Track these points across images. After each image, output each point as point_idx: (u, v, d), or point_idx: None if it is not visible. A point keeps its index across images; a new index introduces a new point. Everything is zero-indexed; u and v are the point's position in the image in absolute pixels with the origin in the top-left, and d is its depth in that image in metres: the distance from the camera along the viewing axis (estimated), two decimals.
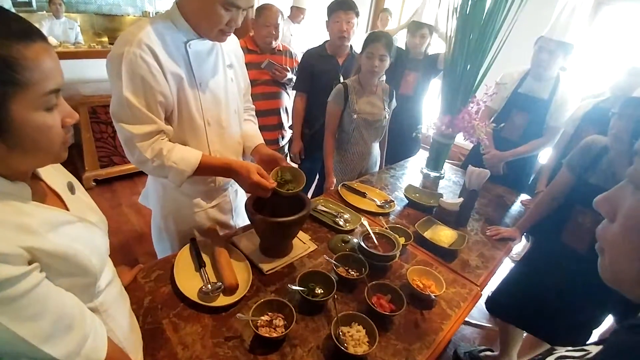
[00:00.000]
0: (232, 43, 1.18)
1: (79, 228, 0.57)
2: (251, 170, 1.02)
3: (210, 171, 1.09)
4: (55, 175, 0.62)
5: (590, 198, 0.42)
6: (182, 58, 1.00)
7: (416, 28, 2.28)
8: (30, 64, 0.45)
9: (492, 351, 1.82)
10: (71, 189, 0.63)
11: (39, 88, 0.47)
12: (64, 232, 0.53)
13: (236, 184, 1.38)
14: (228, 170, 1.06)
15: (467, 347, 1.84)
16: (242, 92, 1.25)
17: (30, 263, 0.46)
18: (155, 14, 5.00)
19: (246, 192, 1.10)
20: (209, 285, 0.95)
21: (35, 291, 0.46)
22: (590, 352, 0.40)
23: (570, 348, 0.44)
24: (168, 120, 1.03)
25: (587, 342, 0.43)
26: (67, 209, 0.58)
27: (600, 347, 0.40)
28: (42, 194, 0.56)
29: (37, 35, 0.48)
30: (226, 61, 1.14)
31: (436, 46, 2.43)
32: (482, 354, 1.80)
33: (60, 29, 3.87)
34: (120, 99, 0.92)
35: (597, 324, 1.40)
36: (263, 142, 1.30)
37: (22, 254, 0.45)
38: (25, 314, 0.45)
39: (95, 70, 3.24)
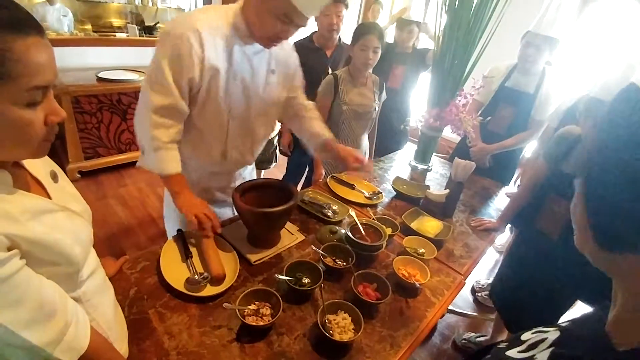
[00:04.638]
0: (286, 49, 1.19)
1: (61, 217, 0.56)
2: (196, 204, 1.06)
3: (169, 182, 1.09)
4: (38, 163, 0.60)
5: (564, 186, 0.44)
6: (227, 50, 1.03)
7: (404, 24, 2.28)
8: (16, 57, 0.43)
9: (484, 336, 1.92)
10: (54, 177, 0.62)
11: (23, 83, 0.45)
12: (45, 220, 0.52)
13: (243, 179, 1.37)
14: (177, 192, 1.07)
15: (463, 335, 1.92)
16: (282, 99, 1.24)
17: (9, 250, 0.46)
18: (141, 0, 4.83)
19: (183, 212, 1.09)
20: (196, 276, 0.95)
21: (15, 278, 0.45)
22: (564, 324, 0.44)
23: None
24: (192, 100, 1.05)
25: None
26: (50, 198, 0.57)
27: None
28: (24, 181, 0.55)
29: (31, 27, 0.45)
30: (271, 66, 1.14)
31: (424, 41, 2.43)
32: (477, 339, 1.88)
33: (53, 16, 3.72)
34: (157, 63, 0.97)
35: (568, 307, 1.46)
36: (331, 136, 1.29)
37: (1, 240, 0.44)
38: (5, 300, 0.44)
39: (77, 58, 3.13)
